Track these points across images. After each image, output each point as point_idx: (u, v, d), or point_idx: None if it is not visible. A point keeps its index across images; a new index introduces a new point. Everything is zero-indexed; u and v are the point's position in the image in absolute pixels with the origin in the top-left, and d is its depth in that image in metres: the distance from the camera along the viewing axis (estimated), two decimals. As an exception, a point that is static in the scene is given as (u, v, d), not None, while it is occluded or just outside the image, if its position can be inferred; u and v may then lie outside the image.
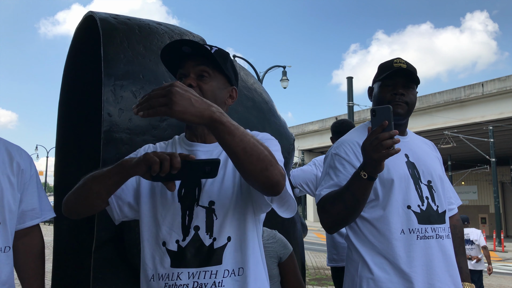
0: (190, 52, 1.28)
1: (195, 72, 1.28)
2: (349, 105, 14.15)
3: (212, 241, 1.17)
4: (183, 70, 1.30)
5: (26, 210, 1.64)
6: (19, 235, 1.64)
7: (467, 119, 20.39)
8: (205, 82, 1.27)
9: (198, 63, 1.28)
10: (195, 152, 1.29)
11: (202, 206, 1.20)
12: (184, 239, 1.17)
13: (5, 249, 1.54)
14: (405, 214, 1.51)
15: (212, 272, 1.15)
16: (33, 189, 1.68)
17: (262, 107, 2.12)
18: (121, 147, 1.54)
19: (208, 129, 1.02)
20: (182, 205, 1.21)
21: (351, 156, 1.59)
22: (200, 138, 1.32)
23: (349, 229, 1.60)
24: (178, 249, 1.17)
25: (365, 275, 1.50)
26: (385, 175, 1.53)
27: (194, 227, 1.18)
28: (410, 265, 1.46)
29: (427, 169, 1.63)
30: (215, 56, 1.27)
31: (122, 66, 1.61)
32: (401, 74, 1.62)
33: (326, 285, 7.58)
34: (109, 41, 1.63)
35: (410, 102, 1.64)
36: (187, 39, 1.26)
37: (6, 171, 1.58)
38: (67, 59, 2.15)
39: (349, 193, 1.42)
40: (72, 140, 2.28)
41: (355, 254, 1.56)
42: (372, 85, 1.76)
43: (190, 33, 2.05)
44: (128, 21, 1.79)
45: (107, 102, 1.53)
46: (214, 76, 1.29)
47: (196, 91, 1.21)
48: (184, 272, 1.14)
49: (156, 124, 1.63)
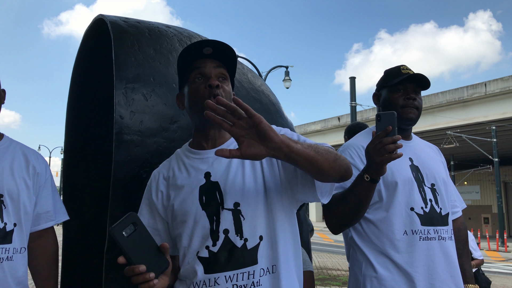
0: (211, 53, 1.29)
1: (215, 74, 1.29)
2: (351, 105, 14.15)
3: (244, 242, 1.17)
4: (204, 69, 1.29)
5: (41, 212, 1.67)
6: (34, 237, 1.66)
7: (470, 119, 20.34)
8: (225, 84, 1.30)
9: (219, 65, 1.30)
10: (205, 159, 1.29)
11: (227, 209, 1.20)
12: (215, 244, 1.18)
13: (21, 250, 1.57)
14: (408, 216, 1.56)
15: (249, 272, 1.15)
16: (48, 192, 1.71)
17: (270, 109, 2.14)
18: (133, 149, 1.55)
19: (282, 157, 1.02)
20: (207, 212, 1.21)
21: (356, 160, 1.64)
22: (211, 141, 1.33)
23: (353, 230, 1.64)
24: (209, 255, 1.18)
25: (369, 274, 1.54)
26: (389, 178, 1.58)
27: (224, 231, 1.18)
28: (412, 265, 1.51)
29: (431, 173, 1.68)
30: (235, 60, 1.32)
31: (133, 69, 1.63)
32: (413, 80, 1.68)
33: (329, 285, 7.59)
34: (120, 44, 1.65)
35: (419, 107, 1.72)
36: (211, 40, 1.27)
37: (23, 174, 1.61)
38: (76, 61, 2.17)
39: (353, 195, 1.47)
40: (80, 141, 2.30)
41: (359, 254, 1.60)
42: (378, 91, 1.82)
43: (198, 35, 2.07)
44: (138, 24, 1.81)
45: (119, 104, 1.55)
46: (227, 79, 1.33)
47: (221, 92, 1.26)
48: (221, 277, 1.15)
49: (167, 126, 1.65)
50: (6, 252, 1.52)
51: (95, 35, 2.03)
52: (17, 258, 1.55)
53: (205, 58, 1.30)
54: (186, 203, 1.24)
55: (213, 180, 1.25)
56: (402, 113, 1.68)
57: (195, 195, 1.24)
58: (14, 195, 1.56)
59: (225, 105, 0.96)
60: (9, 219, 1.55)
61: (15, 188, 1.57)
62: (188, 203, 1.24)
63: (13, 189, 1.56)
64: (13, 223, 1.55)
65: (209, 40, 1.27)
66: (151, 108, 1.62)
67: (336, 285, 7.69)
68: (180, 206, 1.25)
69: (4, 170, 1.57)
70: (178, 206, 1.26)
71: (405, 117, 1.69)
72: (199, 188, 1.25)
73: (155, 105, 1.63)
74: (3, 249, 1.51)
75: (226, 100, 0.97)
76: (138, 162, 1.56)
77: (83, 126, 2.29)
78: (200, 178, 1.27)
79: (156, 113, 1.63)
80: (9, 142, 1.68)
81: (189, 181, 1.28)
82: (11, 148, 1.66)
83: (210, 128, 1.32)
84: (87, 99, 2.26)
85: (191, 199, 1.24)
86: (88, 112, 2.28)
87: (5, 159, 1.60)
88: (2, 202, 1.54)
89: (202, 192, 1.24)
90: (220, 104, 0.95)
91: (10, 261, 1.52)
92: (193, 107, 1.30)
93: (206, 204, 1.22)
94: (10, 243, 1.53)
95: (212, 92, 1.25)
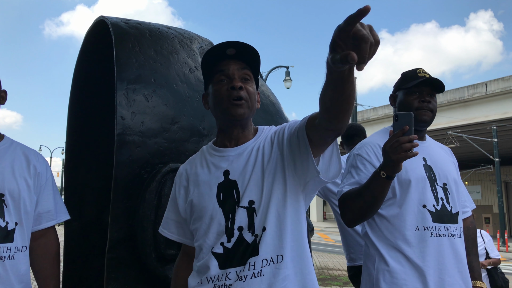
0: (234, 54, 1.31)
1: (239, 75, 1.31)
2: (352, 105, 14.13)
3: (254, 238, 1.20)
4: (228, 71, 1.31)
5: (42, 212, 1.69)
6: (35, 237, 1.68)
7: (471, 118, 20.34)
8: (249, 85, 1.32)
9: (243, 66, 1.32)
10: (226, 157, 1.33)
11: (242, 207, 1.23)
12: (229, 241, 1.21)
13: (23, 249, 1.59)
14: (420, 213, 1.63)
15: (250, 263, 1.18)
16: (49, 192, 1.72)
17: (270, 110, 2.15)
18: (134, 149, 1.57)
19: (335, 76, 0.92)
20: (223, 209, 1.25)
21: (372, 157, 1.72)
22: (234, 141, 1.35)
23: (368, 226, 1.71)
24: (224, 251, 1.21)
25: (381, 267, 1.62)
26: (403, 176, 1.65)
27: (238, 228, 1.22)
28: (423, 260, 1.58)
29: (443, 173, 1.75)
30: (259, 61, 1.33)
31: (134, 70, 1.64)
32: (428, 83, 1.76)
33: (330, 285, 7.60)
34: (121, 46, 1.67)
35: (434, 110, 1.78)
36: (234, 41, 1.29)
37: (24, 174, 1.63)
38: (77, 62, 2.19)
39: (368, 191, 1.54)
40: (82, 142, 2.31)
41: (372, 249, 1.68)
42: (394, 93, 1.89)
43: (199, 36, 2.08)
44: (139, 25, 1.82)
45: (120, 105, 1.56)
46: (251, 80, 1.34)
47: (244, 93, 1.29)
48: (232, 272, 1.19)
49: (168, 127, 1.66)
50: (8, 251, 1.53)
51: (96, 36, 2.05)
52: (19, 257, 1.57)
53: (228, 59, 1.32)
54: (204, 199, 1.28)
55: (232, 178, 1.29)
56: (417, 115, 1.74)
57: (213, 192, 1.28)
58: (15, 194, 1.58)
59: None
60: (11, 218, 1.56)
61: (16, 188, 1.59)
62: (206, 199, 1.28)
63: (14, 189, 1.58)
64: (14, 222, 1.57)
65: (232, 42, 1.29)
66: (152, 109, 1.63)
67: (337, 285, 7.70)
68: (199, 202, 1.30)
69: (5, 170, 1.59)
70: (196, 201, 1.30)
71: (420, 119, 1.75)
72: (218, 185, 1.29)
73: (156, 106, 1.65)
74: (5, 248, 1.53)
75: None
76: (139, 162, 1.58)
77: (84, 127, 2.30)
78: (219, 175, 1.30)
79: (157, 114, 1.64)
80: (9, 142, 1.69)
81: (209, 177, 1.32)
82: (11, 148, 1.67)
83: (233, 128, 1.35)
84: (88, 100, 2.27)
85: (209, 195, 1.28)
86: (89, 113, 2.30)
87: (6, 159, 1.62)
88: (3, 202, 1.55)
89: (220, 189, 1.28)
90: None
91: (12, 260, 1.54)
92: (217, 108, 1.33)
93: (223, 201, 1.26)
94: (12, 242, 1.55)
95: (235, 94, 1.28)
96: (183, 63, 1.83)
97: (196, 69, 1.87)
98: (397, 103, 1.85)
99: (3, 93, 1.69)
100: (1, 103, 1.69)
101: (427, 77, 1.75)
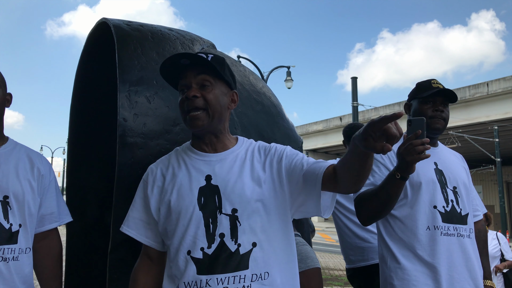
0: (188, 63, 1.30)
1: (196, 82, 1.30)
2: (353, 105, 14.14)
3: (237, 247, 1.20)
4: (185, 81, 1.31)
5: (45, 214, 1.70)
6: (39, 238, 1.69)
7: (472, 119, 20.31)
8: (208, 91, 1.29)
9: (198, 72, 1.30)
10: (207, 161, 1.32)
11: (225, 214, 1.22)
12: (210, 247, 1.20)
13: (26, 250, 1.60)
14: (431, 213, 1.75)
15: (240, 276, 1.17)
16: (52, 194, 1.74)
17: (271, 111, 2.16)
18: (136, 151, 1.58)
19: (362, 156, 1.11)
20: (203, 214, 1.23)
21: (386, 160, 1.85)
22: (211, 146, 1.35)
23: (382, 227, 1.83)
24: (203, 257, 1.20)
25: (394, 266, 1.74)
26: (414, 178, 1.77)
27: (220, 235, 1.21)
28: (434, 257, 1.69)
29: (454, 177, 1.87)
30: (213, 63, 1.29)
31: (136, 72, 1.65)
32: (442, 94, 1.89)
33: (331, 285, 7.60)
34: (123, 48, 1.67)
35: (446, 118, 1.91)
36: (183, 52, 1.28)
37: (28, 176, 1.64)
38: (79, 64, 2.20)
39: (384, 191, 1.65)
40: (84, 143, 2.32)
41: (385, 250, 1.80)
42: (409, 101, 2.01)
43: (200, 38, 2.09)
44: (141, 27, 1.83)
45: (122, 107, 1.57)
46: (215, 83, 1.32)
47: (200, 102, 1.27)
48: (213, 279, 1.17)
49: (170, 128, 1.67)
50: (12, 252, 1.55)
51: (98, 38, 2.06)
52: (23, 258, 1.58)
53: (185, 68, 1.32)
54: (184, 201, 1.26)
55: (214, 183, 1.27)
56: (430, 123, 1.86)
57: (194, 195, 1.26)
58: (19, 196, 1.59)
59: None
60: (15, 220, 1.57)
61: (20, 190, 1.60)
62: (186, 201, 1.26)
63: (18, 191, 1.59)
64: (18, 224, 1.58)
65: (180, 54, 1.28)
66: (154, 110, 1.64)
67: (338, 285, 7.70)
68: (177, 203, 1.27)
69: (10, 172, 1.60)
70: (174, 203, 1.28)
71: (433, 127, 1.87)
72: (199, 188, 1.27)
73: (158, 107, 1.66)
74: (9, 249, 1.54)
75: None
76: (141, 164, 1.58)
77: (86, 128, 2.31)
78: (200, 179, 1.29)
79: (159, 116, 1.65)
80: (13, 144, 1.71)
81: (189, 180, 1.30)
82: (16, 151, 1.68)
83: (203, 135, 1.35)
84: (90, 101, 2.28)
85: (190, 198, 1.26)
86: (91, 114, 2.30)
87: (10, 161, 1.63)
88: (8, 204, 1.57)
89: (201, 194, 1.26)
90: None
91: (16, 261, 1.55)
92: (183, 119, 1.34)
93: (203, 205, 1.25)
94: (16, 244, 1.56)
95: (188, 104, 1.28)
96: (185, 65, 1.84)
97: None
98: (411, 111, 1.97)
99: (8, 96, 1.70)
100: (7, 106, 1.70)
101: (441, 88, 1.87)
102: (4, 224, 1.55)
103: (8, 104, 1.71)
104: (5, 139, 1.70)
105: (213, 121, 1.31)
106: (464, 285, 1.70)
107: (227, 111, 1.37)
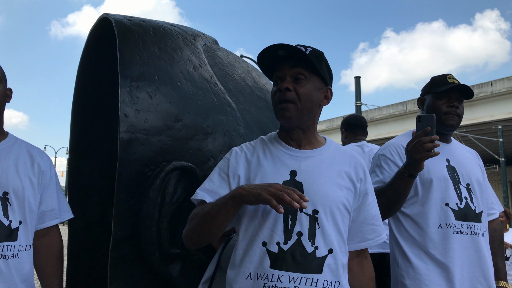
0: (285, 55, 1.29)
1: (291, 75, 1.29)
2: (356, 105, 14.10)
3: (314, 249, 1.18)
4: (280, 73, 1.31)
5: (45, 210, 1.68)
6: (39, 235, 1.67)
7: (476, 118, 20.21)
8: (301, 85, 1.28)
9: (294, 65, 1.29)
10: (294, 156, 1.31)
11: (306, 213, 1.21)
12: (286, 243, 1.18)
13: (26, 248, 1.58)
14: (443, 211, 1.71)
15: (313, 280, 1.16)
16: (53, 190, 1.72)
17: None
18: (138, 147, 1.56)
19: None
20: (284, 208, 1.19)
21: (396, 157, 1.81)
22: (296, 142, 1.34)
23: (394, 226, 1.80)
24: (278, 251, 1.18)
25: (405, 265, 1.71)
26: (425, 175, 1.73)
27: (297, 233, 1.19)
28: (446, 256, 1.65)
29: (467, 173, 1.82)
30: (310, 57, 1.27)
31: (138, 68, 1.63)
32: (457, 90, 1.82)
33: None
34: (124, 43, 1.65)
35: (461, 115, 1.85)
36: (283, 43, 1.27)
37: (28, 172, 1.62)
38: (81, 60, 2.18)
39: (392, 189, 1.63)
40: (86, 140, 2.31)
41: (397, 250, 1.76)
42: (422, 96, 1.95)
43: (203, 34, 2.07)
44: (142, 23, 1.81)
45: (124, 103, 1.55)
46: (310, 78, 1.30)
47: (292, 95, 1.26)
48: (285, 275, 1.15)
49: (172, 124, 1.65)
50: (12, 250, 1.53)
51: (100, 34, 2.04)
52: (23, 256, 1.56)
53: (281, 60, 1.31)
54: None
55: (298, 180, 1.25)
56: (445, 120, 1.81)
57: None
58: (19, 192, 1.57)
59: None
60: (14, 216, 1.55)
61: (20, 186, 1.58)
62: None
63: (18, 187, 1.57)
64: (18, 221, 1.56)
65: (279, 44, 1.27)
66: (155, 106, 1.62)
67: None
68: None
69: (9, 168, 1.58)
70: None
71: (447, 123, 1.82)
72: (283, 182, 1.24)
73: (159, 103, 1.64)
74: (9, 247, 1.52)
75: None
76: (143, 160, 1.56)
77: (88, 125, 2.30)
78: (285, 172, 1.27)
79: (160, 112, 1.63)
80: (14, 140, 1.69)
81: (274, 171, 1.28)
82: (16, 146, 1.67)
83: (291, 130, 1.33)
84: (92, 98, 2.26)
85: None
86: (93, 111, 2.29)
87: (10, 157, 1.61)
88: (7, 200, 1.55)
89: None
90: None
91: (16, 259, 1.53)
92: (273, 110, 1.34)
93: None
94: (16, 241, 1.54)
95: (279, 96, 1.28)
96: (187, 61, 1.82)
97: (200, 67, 1.86)
98: (425, 106, 1.91)
99: (8, 91, 1.69)
100: (7, 101, 1.69)
101: (457, 83, 1.81)
102: (4, 220, 1.53)
103: (8, 100, 1.69)
104: (5, 135, 1.68)
105: (302, 115, 1.30)
106: (476, 286, 1.66)
107: (319, 108, 1.35)
